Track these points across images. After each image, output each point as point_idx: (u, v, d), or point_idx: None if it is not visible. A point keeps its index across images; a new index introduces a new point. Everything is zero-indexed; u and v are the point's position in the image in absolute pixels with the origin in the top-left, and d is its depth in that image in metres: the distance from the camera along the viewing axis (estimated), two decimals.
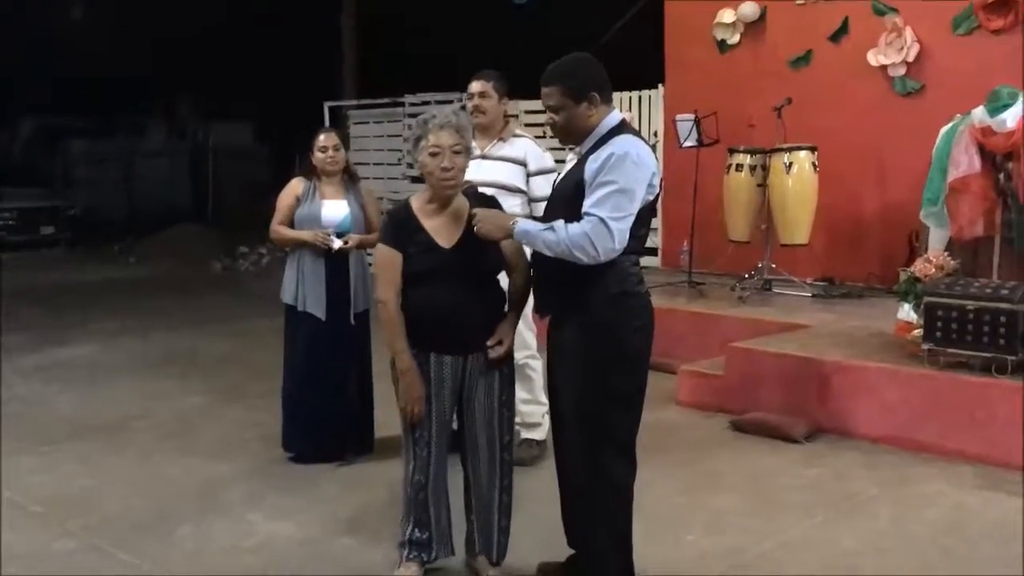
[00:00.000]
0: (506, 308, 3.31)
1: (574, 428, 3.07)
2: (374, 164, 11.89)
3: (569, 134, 3.10)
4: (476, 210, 3.08)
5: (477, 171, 4.38)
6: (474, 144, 4.47)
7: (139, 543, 3.78)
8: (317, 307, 4.60)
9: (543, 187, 4.40)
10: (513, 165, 4.45)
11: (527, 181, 4.47)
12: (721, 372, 5.60)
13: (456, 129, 3.13)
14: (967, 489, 4.26)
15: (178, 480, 4.52)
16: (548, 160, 4.58)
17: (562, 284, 3.02)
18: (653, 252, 9.11)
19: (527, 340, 4.54)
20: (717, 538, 3.79)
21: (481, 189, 4.01)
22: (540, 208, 4.23)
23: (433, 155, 3.09)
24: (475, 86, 4.50)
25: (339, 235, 4.59)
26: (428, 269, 3.11)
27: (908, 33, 7.38)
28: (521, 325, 3.67)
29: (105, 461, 4.80)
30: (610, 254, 2.88)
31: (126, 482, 4.50)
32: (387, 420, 4.55)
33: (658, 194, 3.06)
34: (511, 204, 4.23)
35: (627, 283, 3.01)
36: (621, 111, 9.11)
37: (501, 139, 4.52)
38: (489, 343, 3.16)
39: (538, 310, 3.24)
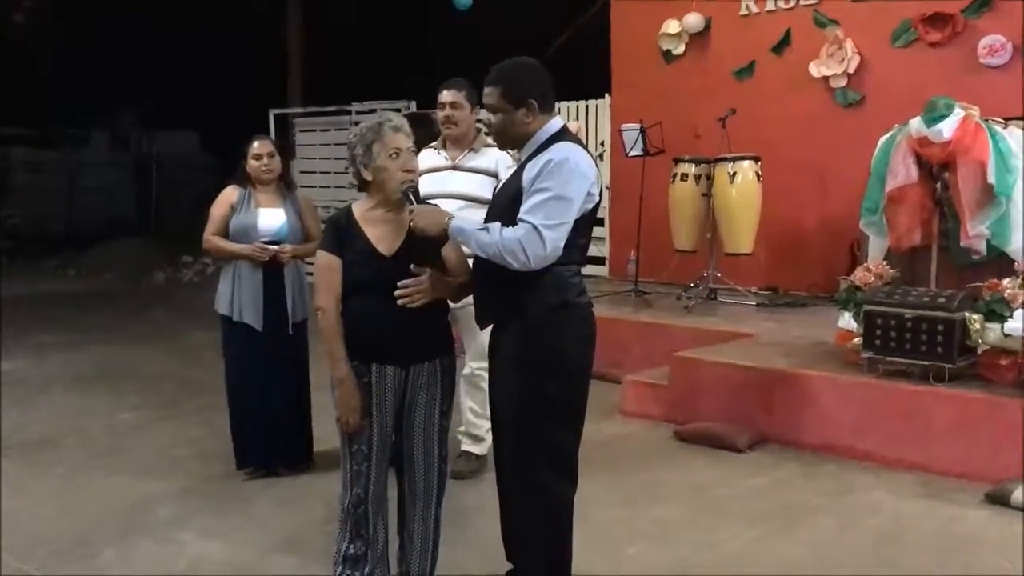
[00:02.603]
0: (448, 317, 3.24)
1: (512, 440, 3.01)
2: (320, 172, 11.77)
3: (505, 138, 3.06)
4: (412, 206, 3.02)
5: (448, 182, 4.30)
6: (445, 154, 4.40)
7: (66, 566, 3.62)
8: (254, 317, 4.50)
9: None
10: (484, 176, 4.29)
11: None
12: (666, 382, 5.59)
13: (407, 133, 3.10)
14: (908, 498, 4.28)
15: (108, 499, 4.35)
16: None
17: (501, 293, 2.96)
18: (601, 261, 9.12)
19: (485, 351, 4.46)
20: (659, 550, 3.75)
21: (451, 202, 3.91)
22: None
23: (393, 157, 3.04)
24: (447, 95, 4.31)
25: (276, 243, 4.49)
26: (367, 277, 3.04)
27: (849, 45, 7.48)
28: (482, 335, 3.60)
29: (32, 480, 4.62)
30: (541, 262, 2.82)
31: (53, 502, 4.33)
32: (324, 433, 4.46)
33: (598, 203, 3.02)
34: (481, 216, 4.15)
35: (567, 293, 2.96)
36: (568, 121, 9.08)
37: (472, 149, 4.37)
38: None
39: (478, 319, 3.17)
